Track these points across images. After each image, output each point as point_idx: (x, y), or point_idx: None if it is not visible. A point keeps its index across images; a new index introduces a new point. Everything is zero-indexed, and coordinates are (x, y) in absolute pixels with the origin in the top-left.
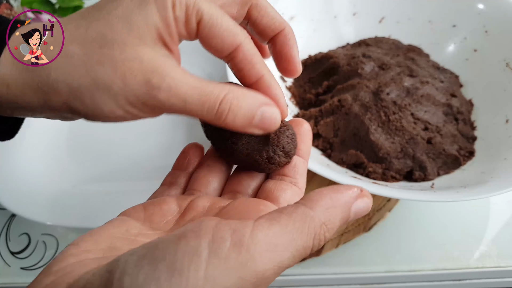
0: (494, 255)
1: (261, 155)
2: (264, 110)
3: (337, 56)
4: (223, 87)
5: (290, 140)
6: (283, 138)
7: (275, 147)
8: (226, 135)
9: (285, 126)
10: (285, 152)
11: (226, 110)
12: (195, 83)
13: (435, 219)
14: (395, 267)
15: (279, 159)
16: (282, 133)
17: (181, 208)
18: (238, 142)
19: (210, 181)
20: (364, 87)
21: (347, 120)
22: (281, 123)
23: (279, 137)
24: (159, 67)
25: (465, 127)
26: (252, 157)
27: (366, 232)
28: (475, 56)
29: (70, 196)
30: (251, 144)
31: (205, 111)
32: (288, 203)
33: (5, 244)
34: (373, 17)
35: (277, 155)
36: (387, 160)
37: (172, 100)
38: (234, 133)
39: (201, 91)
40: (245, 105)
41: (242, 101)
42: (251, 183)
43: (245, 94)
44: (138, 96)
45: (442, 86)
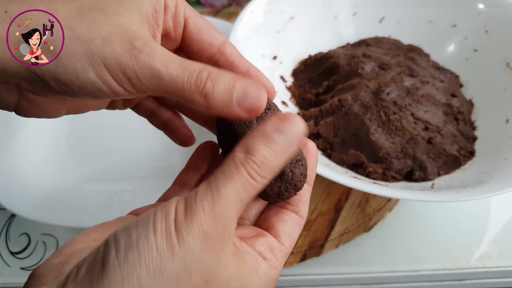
0: (494, 255)
1: (272, 190)
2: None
3: (337, 56)
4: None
5: (303, 177)
6: (297, 176)
7: (288, 184)
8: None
9: (300, 161)
10: (296, 188)
11: (205, 78)
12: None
13: (435, 219)
14: (396, 267)
15: (288, 195)
16: (296, 168)
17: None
18: None
19: None
20: (364, 87)
21: (347, 120)
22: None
23: (293, 173)
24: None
25: (465, 127)
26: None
27: (366, 232)
28: (475, 56)
29: (70, 196)
30: None
31: (185, 79)
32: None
33: (5, 244)
34: (373, 17)
35: (288, 192)
36: (387, 160)
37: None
38: None
39: (182, 60)
40: (224, 77)
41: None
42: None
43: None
44: (117, 57)
45: (442, 86)
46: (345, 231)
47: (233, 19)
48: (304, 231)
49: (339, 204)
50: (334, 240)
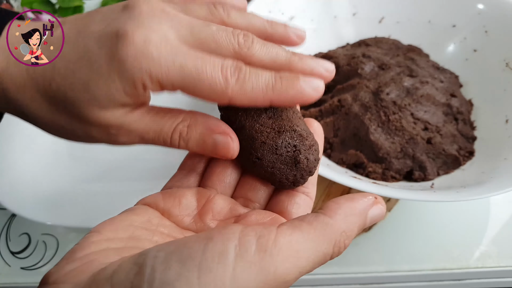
0: (494, 255)
1: (288, 179)
2: (217, 139)
3: (337, 56)
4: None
5: (317, 162)
6: (311, 162)
7: (303, 171)
8: (251, 149)
9: (313, 146)
10: (310, 174)
11: (177, 140)
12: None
13: (435, 219)
14: (395, 267)
15: (303, 182)
16: (311, 154)
17: (199, 204)
18: (264, 159)
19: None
20: (364, 87)
21: (347, 120)
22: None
23: (308, 159)
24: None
25: (465, 127)
26: (277, 177)
27: (366, 232)
28: (475, 56)
29: (70, 196)
30: (277, 163)
31: (161, 143)
32: None
33: (5, 244)
34: (373, 17)
35: (304, 179)
36: (387, 160)
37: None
38: (260, 148)
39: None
40: (195, 134)
41: (193, 129)
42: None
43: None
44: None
45: (442, 86)
46: None
47: None
48: None
49: None
50: None
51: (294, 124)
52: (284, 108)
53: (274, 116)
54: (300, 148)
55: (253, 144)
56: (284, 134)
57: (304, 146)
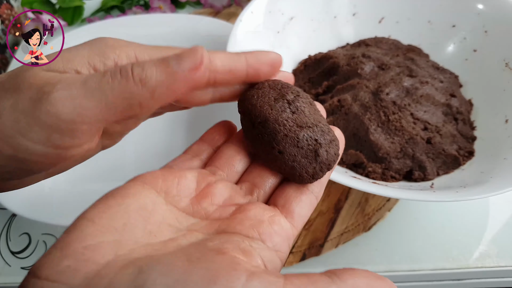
0: (494, 255)
1: (307, 172)
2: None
3: (337, 56)
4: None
5: (336, 156)
6: (331, 155)
7: (323, 164)
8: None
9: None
10: (329, 168)
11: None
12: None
13: (435, 219)
14: (395, 267)
15: (322, 175)
16: (331, 147)
17: (198, 187)
18: (285, 152)
19: (235, 164)
20: (364, 87)
21: (347, 120)
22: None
23: (328, 152)
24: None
25: (464, 127)
26: (297, 171)
27: (365, 232)
28: (475, 56)
29: (70, 196)
30: (298, 157)
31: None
32: (301, 217)
33: (6, 244)
34: (373, 17)
35: (323, 171)
36: (386, 160)
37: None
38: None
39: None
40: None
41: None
42: (271, 179)
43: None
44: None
45: (441, 86)
46: (344, 230)
47: (233, 19)
48: (303, 231)
49: (338, 204)
50: (334, 239)
51: (316, 120)
52: (307, 105)
53: (297, 111)
54: (321, 142)
55: (275, 137)
56: (306, 129)
57: (325, 140)
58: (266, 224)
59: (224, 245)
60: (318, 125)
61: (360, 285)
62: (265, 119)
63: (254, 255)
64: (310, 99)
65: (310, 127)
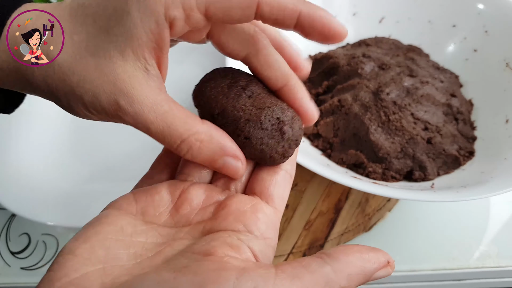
0: (494, 255)
1: (277, 152)
2: (227, 161)
3: (337, 56)
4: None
5: (301, 131)
6: (296, 130)
7: (291, 141)
8: (237, 130)
9: (295, 116)
10: (297, 144)
11: (184, 151)
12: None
13: (435, 219)
14: (395, 267)
15: (292, 152)
16: (294, 123)
17: (173, 197)
18: (251, 137)
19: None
20: (364, 87)
21: (347, 120)
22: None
23: (293, 128)
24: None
25: (465, 127)
26: (267, 153)
27: (366, 232)
28: (475, 56)
29: (70, 196)
30: (265, 139)
31: (166, 144)
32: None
33: (5, 244)
34: (373, 17)
35: (291, 148)
36: (387, 160)
37: (136, 125)
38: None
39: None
40: (206, 151)
41: (204, 147)
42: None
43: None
44: (106, 111)
45: (442, 86)
46: (345, 231)
47: None
48: (304, 231)
49: (339, 204)
50: (334, 240)
51: (273, 99)
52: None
53: (253, 94)
54: (283, 119)
55: (238, 124)
56: (266, 109)
57: (286, 117)
58: (249, 214)
59: (211, 244)
60: (276, 103)
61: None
62: (223, 108)
63: (242, 248)
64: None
65: (269, 107)
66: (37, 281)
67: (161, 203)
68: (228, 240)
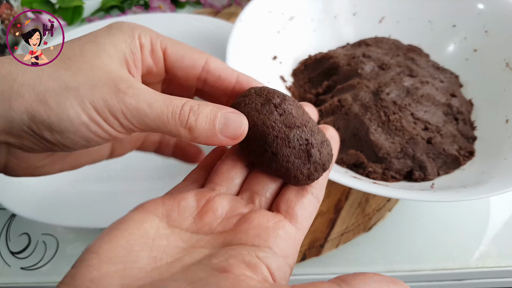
0: (494, 255)
1: (302, 172)
2: (225, 113)
3: (337, 56)
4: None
5: (330, 156)
6: (324, 155)
7: (317, 165)
8: (265, 145)
9: (325, 141)
10: (324, 169)
11: (187, 111)
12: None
13: (435, 219)
14: (395, 267)
15: (318, 176)
16: (323, 148)
17: (199, 205)
18: (278, 154)
19: (232, 176)
20: (364, 87)
21: (347, 120)
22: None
23: (321, 153)
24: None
25: (465, 127)
26: (292, 173)
27: (366, 232)
28: (475, 56)
29: (70, 196)
30: (291, 157)
31: (169, 115)
32: (306, 219)
33: (5, 244)
34: (373, 17)
35: (318, 172)
36: (387, 160)
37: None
38: (274, 142)
39: (165, 97)
40: (206, 109)
41: (203, 105)
42: (270, 185)
43: (207, 103)
44: (105, 100)
45: (442, 86)
46: (345, 231)
47: (233, 19)
48: None
49: (339, 204)
50: (334, 240)
51: (304, 121)
52: (294, 107)
53: (284, 113)
54: (312, 142)
55: (266, 140)
56: (296, 129)
57: (315, 140)
58: (271, 231)
59: (229, 261)
60: (307, 125)
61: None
62: (253, 123)
63: (259, 268)
64: (297, 102)
65: (299, 127)
66: (37, 281)
67: (187, 209)
68: (247, 258)
